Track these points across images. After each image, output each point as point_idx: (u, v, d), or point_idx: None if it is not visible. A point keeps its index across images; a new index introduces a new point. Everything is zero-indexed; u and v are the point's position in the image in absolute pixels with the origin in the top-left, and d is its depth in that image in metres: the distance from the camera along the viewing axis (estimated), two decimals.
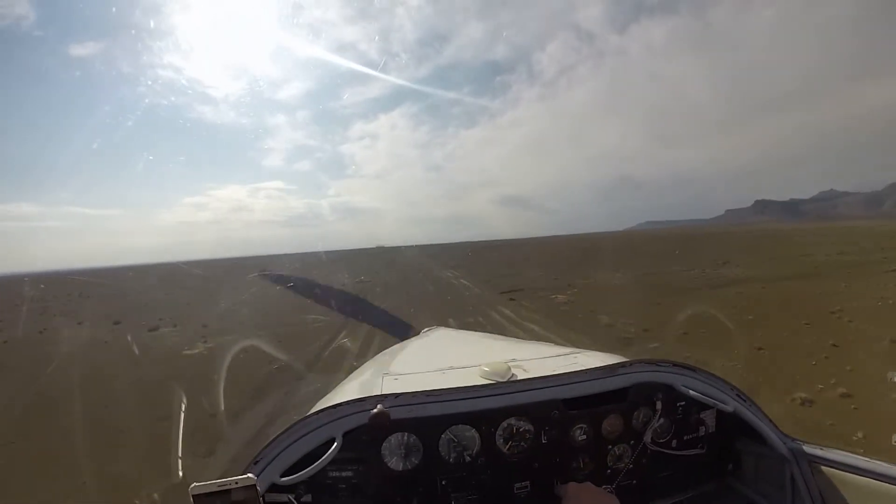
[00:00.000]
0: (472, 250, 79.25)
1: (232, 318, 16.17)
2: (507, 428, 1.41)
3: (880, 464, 1.27)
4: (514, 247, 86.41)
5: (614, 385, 1.51)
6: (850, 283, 14.57)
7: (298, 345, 10.52)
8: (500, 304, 15.33)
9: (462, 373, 1.67)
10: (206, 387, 7.61)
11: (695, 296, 14.72)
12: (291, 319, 14.33)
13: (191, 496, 0.91)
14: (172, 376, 8.46)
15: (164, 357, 10.33)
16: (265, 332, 12.32)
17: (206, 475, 1.80)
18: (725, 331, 9.57)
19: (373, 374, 1.86)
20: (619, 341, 9.42)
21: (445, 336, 3.20)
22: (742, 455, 1.68)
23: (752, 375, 6.65)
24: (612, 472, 1.52)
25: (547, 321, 11.93)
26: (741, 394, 1.57)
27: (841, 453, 1.40)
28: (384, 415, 1.24)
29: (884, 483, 1.24)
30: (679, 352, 7.93)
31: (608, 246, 62.43)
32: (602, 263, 30.71)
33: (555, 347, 2.11)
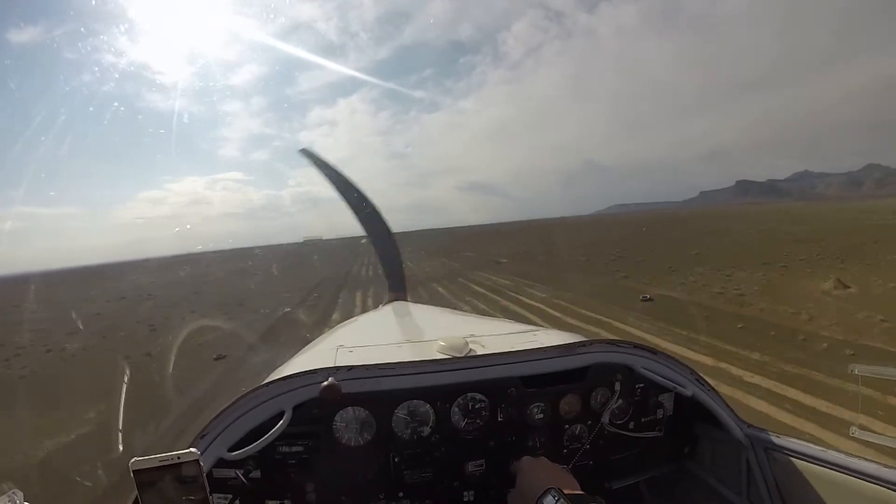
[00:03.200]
0: (422, 236, 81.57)
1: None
2: (463, 404, 1.41)
3: (834, 453, 1.31)
4: (471, 232, 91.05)
5: (573, 364, 1.52)
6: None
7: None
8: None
9: (419, 347, 1.68)
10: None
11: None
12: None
13: (131, 471, 0.86)
14: None
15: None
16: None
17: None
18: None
19: (327, 347, 1.84)
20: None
21: (404, 309, 3.15)
22: (699, 439, 1.70)
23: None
24: (568, 452, 1.53)
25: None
26: (700, 378, 1.59)
27: (797, 442, 1.42)
28: (335, 388, 1.22)
29: (837, 472, 1.28)
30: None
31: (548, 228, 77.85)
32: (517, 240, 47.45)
33: (515, 324, 2.13)
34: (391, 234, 3.91)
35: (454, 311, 3.26)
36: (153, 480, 0.87)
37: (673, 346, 7.93)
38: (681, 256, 21.55)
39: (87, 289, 39.14)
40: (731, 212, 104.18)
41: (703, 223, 56.17)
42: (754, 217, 62.85)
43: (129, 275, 56.56)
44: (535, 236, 55.40)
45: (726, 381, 6.30)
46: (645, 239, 36.57)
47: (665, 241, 32.98)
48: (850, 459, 1.27)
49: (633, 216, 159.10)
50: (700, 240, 30.60)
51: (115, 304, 23.96)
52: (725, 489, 1.60)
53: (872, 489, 1.20)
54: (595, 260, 23.81)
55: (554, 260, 26.09)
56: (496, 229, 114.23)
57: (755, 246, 24.22)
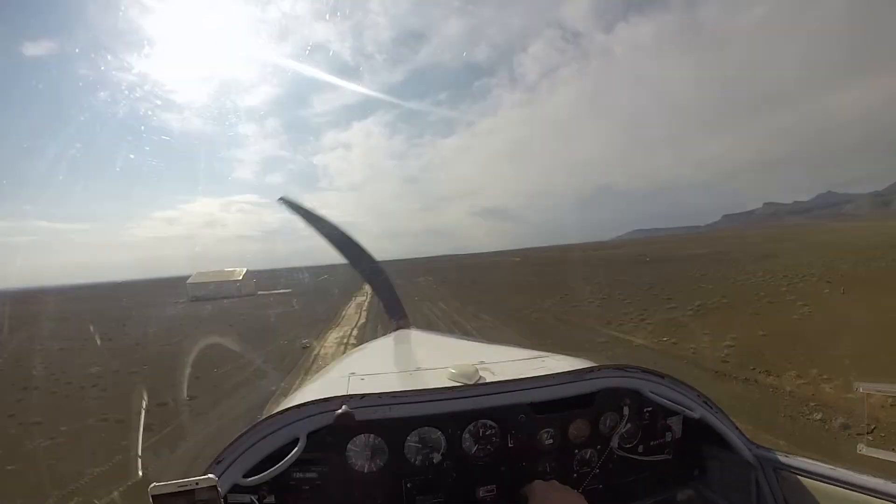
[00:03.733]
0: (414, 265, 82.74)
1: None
2: (474, 431, 1.44)
3: (843, 471, 1.34)
4: (484, 261, 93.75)
5: (582, 389, 1.54)
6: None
7: None
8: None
9: (429, 374, 1.67)
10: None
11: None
12: None
13: (150, 496, 0.90)
14: None
15: None
16: None
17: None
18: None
19: (338, 374, 1.86)
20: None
21: (414, 337, 3.22)
22: (708, 461, 1.73)
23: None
24: (578, 477, 1.55)
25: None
26: (708, 400, 1.62)
27: (805, 461, 1.46)
28: (349, 415, 1.25)
29: (846, 490, 1.31)
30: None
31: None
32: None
33: (523, 351, 2.13)
34: (380, 268, 4.12)
35: (461, 338, 3.45)
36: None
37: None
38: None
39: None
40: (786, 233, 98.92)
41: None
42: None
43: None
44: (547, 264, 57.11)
45: None
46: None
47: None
48: (859, 476, 1.31)
49: (653, 242, 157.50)
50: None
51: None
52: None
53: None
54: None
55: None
56: (509, 257, 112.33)
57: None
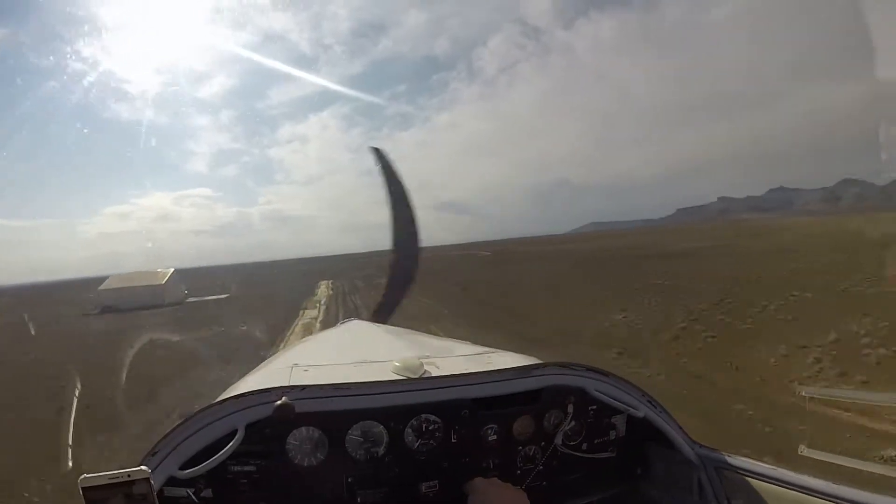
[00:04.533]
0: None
1: None
2: (417, 425, 1.44)
3: (783, 471, 1.41)
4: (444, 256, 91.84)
5: (527, 386, 1.56)
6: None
7: None
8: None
9: (374, 367, 1.67)
10: None
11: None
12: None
13: (80, 489, 0.88)
14: None
15: None
16: None
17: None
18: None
19: (282, 365, 1.84)
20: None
21: (361, 329, 3.24)
22: (652, 459, 1.77)
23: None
24: (522, 473, 1.58)
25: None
26: (652, 400, 1.66)
27: (747, 460, 1.51)
28: (288, 407, 1.22)
29: (788, 489, 1.37)
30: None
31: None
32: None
33: (470, 346, 2.17)
34: (413, 267, 3.98)
35: (412, 332, 3.31)
36: (103, 498, 0.89)
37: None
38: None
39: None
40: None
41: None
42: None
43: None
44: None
45: None
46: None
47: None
48: (800, 477, 1.37)
49: (608, 234, 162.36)
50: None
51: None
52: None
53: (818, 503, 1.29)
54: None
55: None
56: (475, 251, 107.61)
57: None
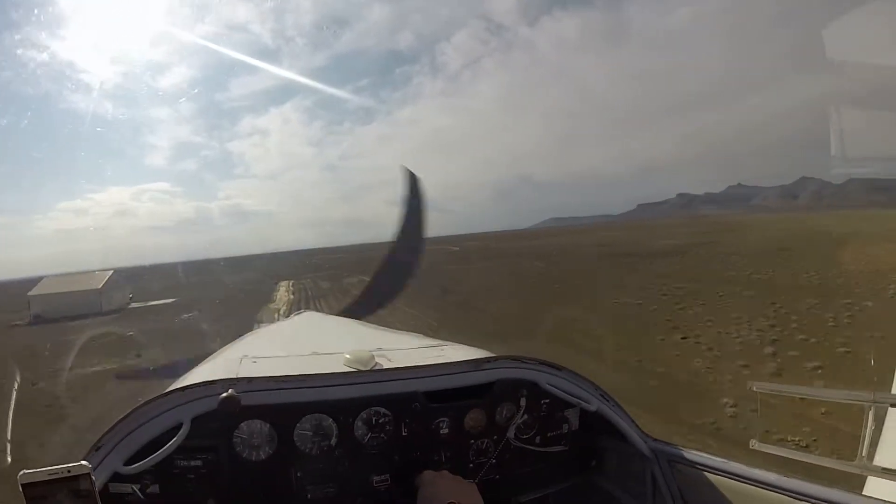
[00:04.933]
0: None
1: None
2: (367, 419, 1.42)
3: (733, 464, 1.43)
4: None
5: (478, 380, 1.56)
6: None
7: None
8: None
9: (325, 359, 1.64)
10: None
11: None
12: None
13: (20, 485, 0.85)
14: None
15: None
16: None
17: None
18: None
19: (231, 357, 1.80)
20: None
21: (315, 321, 3.31)
22: (605, 452, 1.79)
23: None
24: (474, 467, 1.57)
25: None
26: (605, 394, 1.68)
27: (699, 454, 1.53)
28: (234, 400, 1.20)
29: (740, 482, 1.39)
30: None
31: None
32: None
33: (423, 339, 2.19)
34: (416, 261, 3.98)
35: (365, 324, 3.32)
36: (44, 495, 0.86)
37: None
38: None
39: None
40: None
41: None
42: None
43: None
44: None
45: None
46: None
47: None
48: (751, 470, 1.38)
49: (576, 231, 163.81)
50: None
51: None
52: (632, 501, 1.68)
53: (771, 496, 1.31)
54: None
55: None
56: (440, 246, 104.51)
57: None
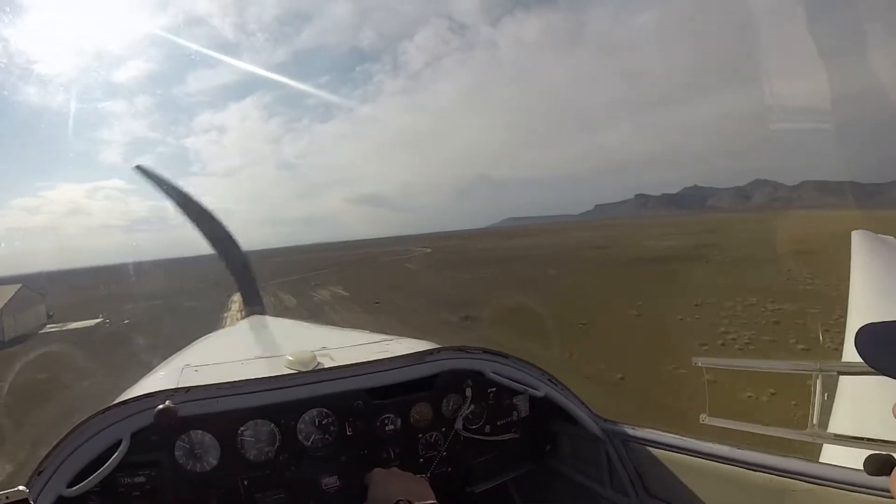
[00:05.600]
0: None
1: None
2: (309, 420, 1.40)
3: (687, 440, 1.45)
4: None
5: (422, 373, 1.55)
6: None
7: None
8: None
9: (267, 363, 1.63)
10: None
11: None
12: None
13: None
14: None
15: None
16: None
17: None
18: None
19: (174, 367, 1.76)
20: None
21: (264, 324, 3.04)
22: (559, 436, 1.81)
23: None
24: (425, 461, 1.56)
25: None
26: (553, 378, 1.69)
27: (651, 431, 1.55)
28: (170, 412, 1.19)
29: (692, 457, 1.42)
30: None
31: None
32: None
33: (370, 335, 2.11)
34: (240, 249, 3.80)
35: (313, 325, 3.48)
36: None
37: None
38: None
39: None
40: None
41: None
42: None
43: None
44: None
45: None
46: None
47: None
48: (702, 444, 1.42)
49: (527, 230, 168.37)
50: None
51: None
52: (590, 482, 1.69)
53: (725, 469, 1.35)
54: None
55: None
56: (412, 247, 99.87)
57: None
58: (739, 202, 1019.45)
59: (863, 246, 6.12)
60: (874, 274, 4.97)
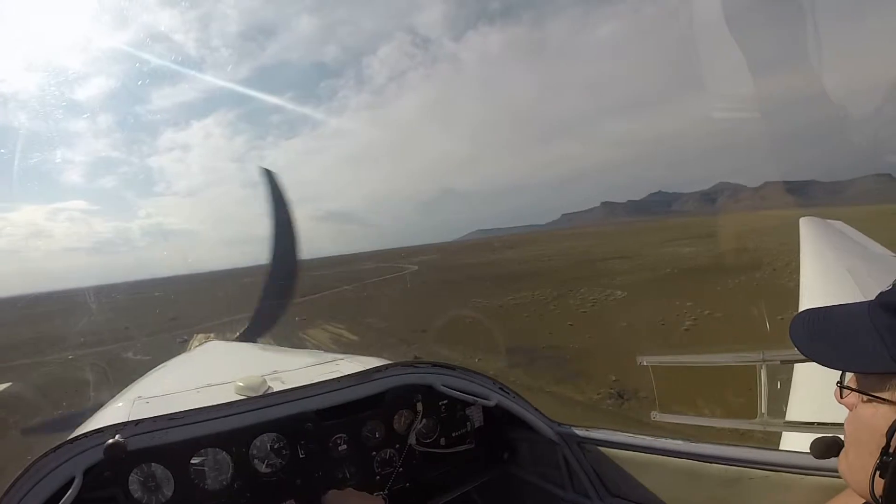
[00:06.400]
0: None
1: None
2: (260, 446, 1.39)
3: (642, 437, 1.49)
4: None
5: (371, 390, 1.54)
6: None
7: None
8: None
9: (217, 390, 1.60)
10: None
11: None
12: None
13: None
14: None
15: None
16: None
17: None
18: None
19: (126, 399, 1.74)
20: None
21: (218, 351, 3.10)
22: (518, 443, 1.83)
23: None
24: (381, 479, 1.56)
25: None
26: (504, 387, 1.70)
27: (605, 432, 1.58)
28: (118, 446, 1.17)
29: (645, 453, 1.47)
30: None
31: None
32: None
33: (322, 355, 2.12)
34: (293, 284, 3.71)
35: (269, 347, 3.45)
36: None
37: None
38: None
39: None
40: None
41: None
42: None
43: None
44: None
45: None
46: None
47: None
48: (656, 441, 1.44)
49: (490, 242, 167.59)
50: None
51: None
52: (551, 486, 1.71)
53: (681, 463, 1.38)
54: None
55: None
56: (396, 262, 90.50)
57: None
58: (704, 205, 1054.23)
59: (811, 232, 6.48)
60: (823, 259, 5.14)
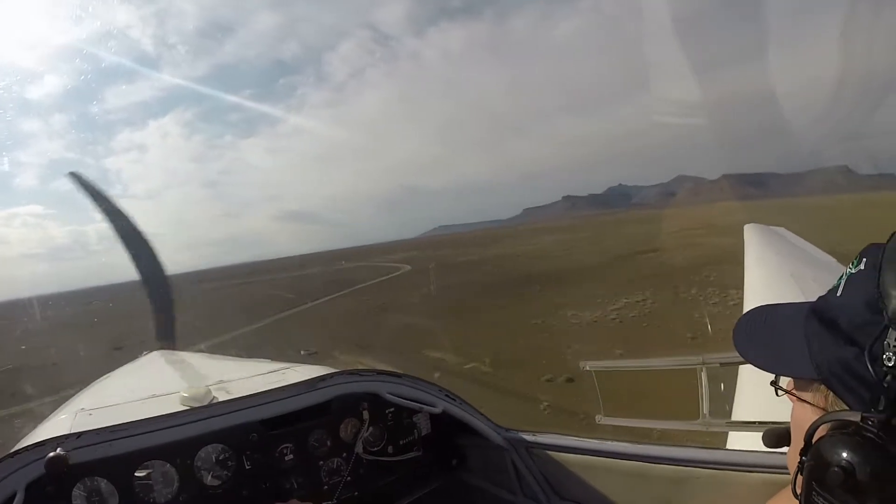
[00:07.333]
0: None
1: None
2: (205, 457, 1.37)
3: (589, 441, 1.51)
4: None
5: (316, 399, 1.52)
6: None
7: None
8: None
9: (162, 401, 1.58)
10: None
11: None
12: None
13: None
14: None
15: None
16: None
17: None
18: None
19: (68, 411, 1.71)
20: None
21: (165, 359, 3.01)
22: (467, 449, 1.84)
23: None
24: (329, 488, 1.55)
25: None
26: (450, 394, 1.71)
27: (553, 436, 1.60)
28: (60, 460, 1.14)
29: (592, 456, 1.48)
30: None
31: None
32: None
33: (269, 364, 2.06)
34: (165, 277, 3.47)
35: (217, 357, 3.29)
36: None
37: None
38: None
39: None
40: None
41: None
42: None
43: None
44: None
45: None
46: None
47: None
48: (603, 444, 1.47)
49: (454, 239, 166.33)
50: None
51: None
52: (501, 491, 1.73)
53: (628, 465, 1.40)
54: None
55: None
56: (380, 262, 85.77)
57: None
58: (664, 199, 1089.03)
59: (755, 238, 6.58)
60: (767, 264, 5.24)
